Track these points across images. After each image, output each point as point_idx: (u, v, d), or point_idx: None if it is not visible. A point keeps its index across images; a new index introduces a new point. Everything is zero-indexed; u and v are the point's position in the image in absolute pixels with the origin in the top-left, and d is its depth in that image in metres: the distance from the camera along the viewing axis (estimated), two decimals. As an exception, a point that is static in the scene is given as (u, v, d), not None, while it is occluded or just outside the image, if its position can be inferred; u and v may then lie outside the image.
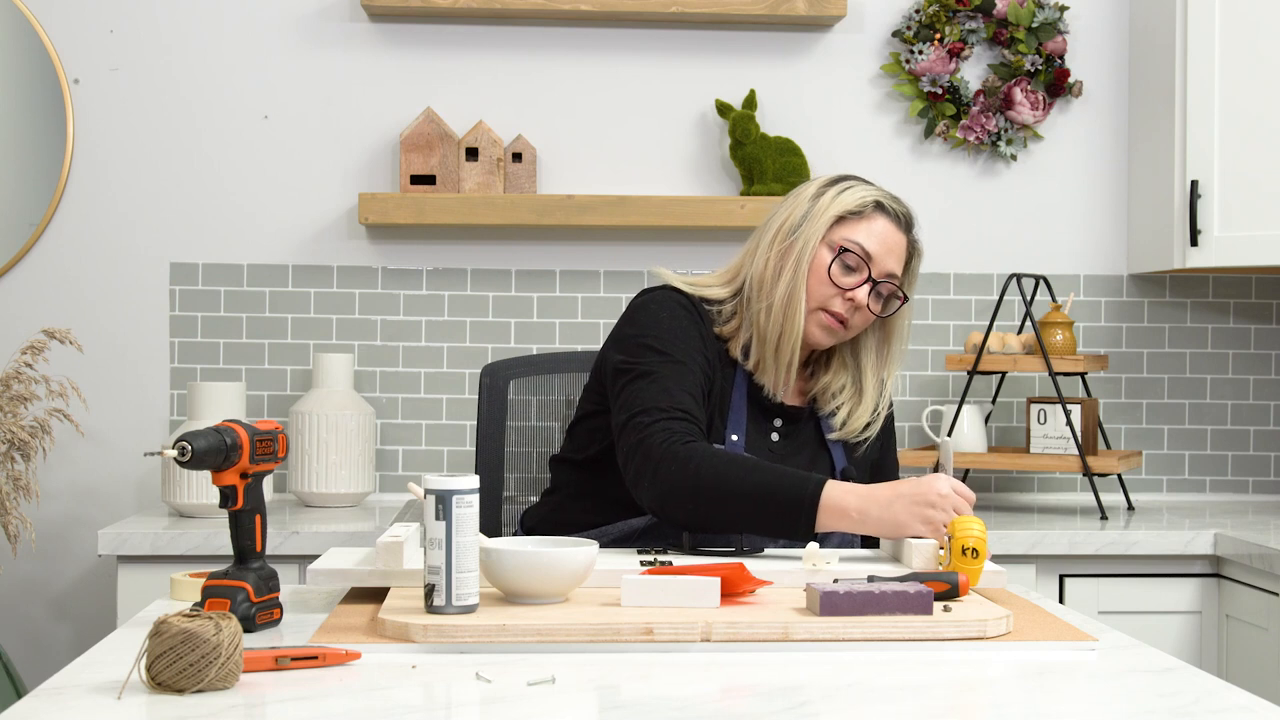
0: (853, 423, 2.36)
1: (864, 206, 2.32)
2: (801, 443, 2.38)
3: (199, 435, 1.75)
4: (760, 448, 2.33)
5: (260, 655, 1.57)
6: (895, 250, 2.32)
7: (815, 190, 2.35)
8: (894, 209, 2.34)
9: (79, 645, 3.35)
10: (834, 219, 2.31)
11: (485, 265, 3.46)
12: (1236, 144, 3.21)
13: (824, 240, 2.31)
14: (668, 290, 2.37)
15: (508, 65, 3.47)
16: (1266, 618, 2.79)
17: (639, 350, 2.28)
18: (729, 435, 2.30)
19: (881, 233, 2.31)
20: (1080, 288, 3.54)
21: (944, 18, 3.47)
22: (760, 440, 2.34)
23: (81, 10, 3.40)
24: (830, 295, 2.30)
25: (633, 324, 2.33)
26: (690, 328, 2.31)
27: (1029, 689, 1.60)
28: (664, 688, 1.56)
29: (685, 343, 2.29)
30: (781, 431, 2.37)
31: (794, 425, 2.38)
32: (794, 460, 2.33)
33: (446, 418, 3.44)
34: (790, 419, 2.38)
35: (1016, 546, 2.93)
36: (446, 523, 1.75)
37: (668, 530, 2.25)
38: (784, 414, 2.38)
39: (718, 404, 2.32)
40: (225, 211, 3.43)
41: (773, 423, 2.37)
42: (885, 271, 2.31)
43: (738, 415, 2.32)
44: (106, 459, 3.41)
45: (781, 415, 2.38)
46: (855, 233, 2.31)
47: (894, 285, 2.32)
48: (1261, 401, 3.58)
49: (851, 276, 2.30)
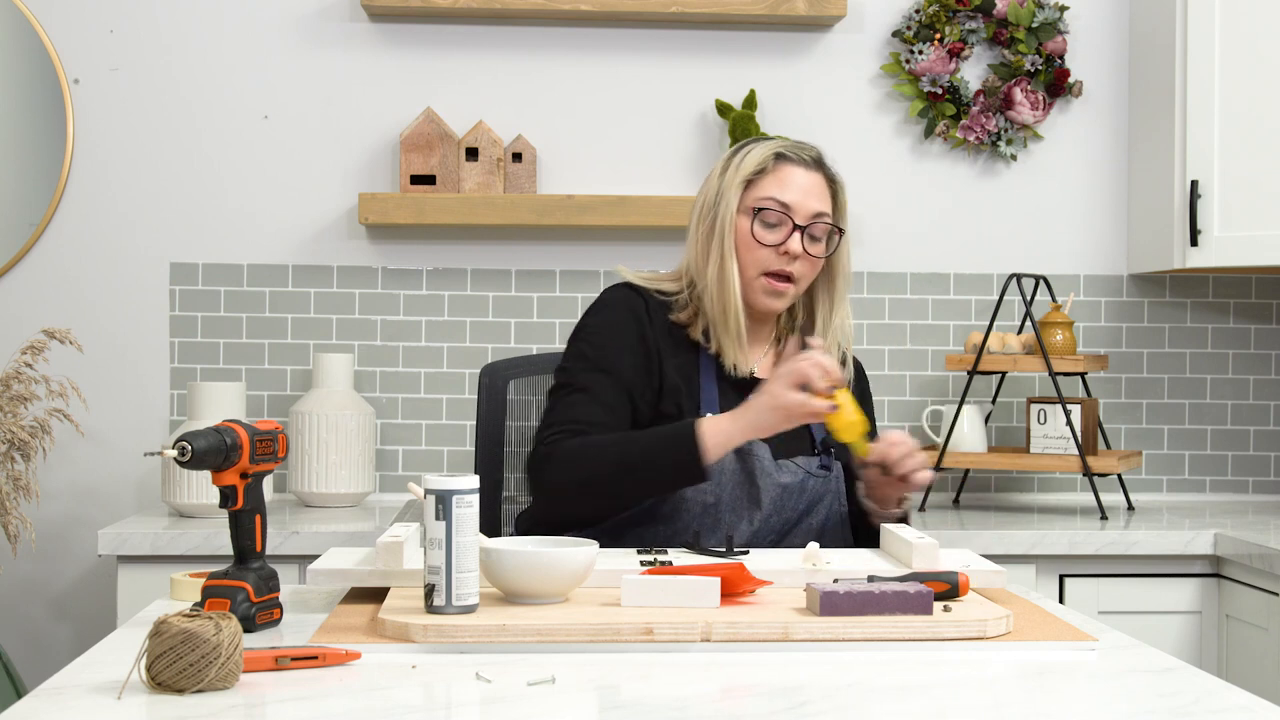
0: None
1: (766, 162, 2.36)
2: None
3: (199, 435, 1.75)
4: None
5: (260, 655, 1.57)
6: (812, 190, 2.36)
7: (721, 165, 2.40)
8: (797, 154, 2.37)
9: (79, 645, 3.35)
10: (743, 185, 2.35)
11: (485, 265, 3.46)
12: (1236, 144, 3.21)
13: (740, 209, 2.35)
14: (617, 289, 2.43)
15: (508, 65, 3.47)
16: (1266, 618, 2.79)
17: (572, 357, 2.37)
18: (704, 415, 2.32)
19: (791, 179, 2.35)
20: (1080, 288, 3.54)
21: (944, 18, 3.47)
22: None
23: (81, 10, 3.40)
24: (764, 257, 2.33)
25: (579, 326, 2.41)
26: (626, 327, 2.36)
27: (1029, 689, 1.60)
28: (664, 688, 1.56)
29: (615, 345, 2.34)
30: None
31: None
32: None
33: (446, 418, 3.44)
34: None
35: (1016, 546, 2.93)
36: (446, 523, 1.75)
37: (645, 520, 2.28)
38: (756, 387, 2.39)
39: (685, 390, 2.34)
40: (225, 211, 3.43)
41: (746, 397, 2.38)
42: (810, 214, 2.34)
43: (709, 395, 2.34)
44: (106, 459, 3.41)
45: (754, 389, 2.38)
46: (766, 189, 2.35)
47: (825, 223, 2.35)
48: (1261, 401, 3.58)
49: (776, 231, 2.33)
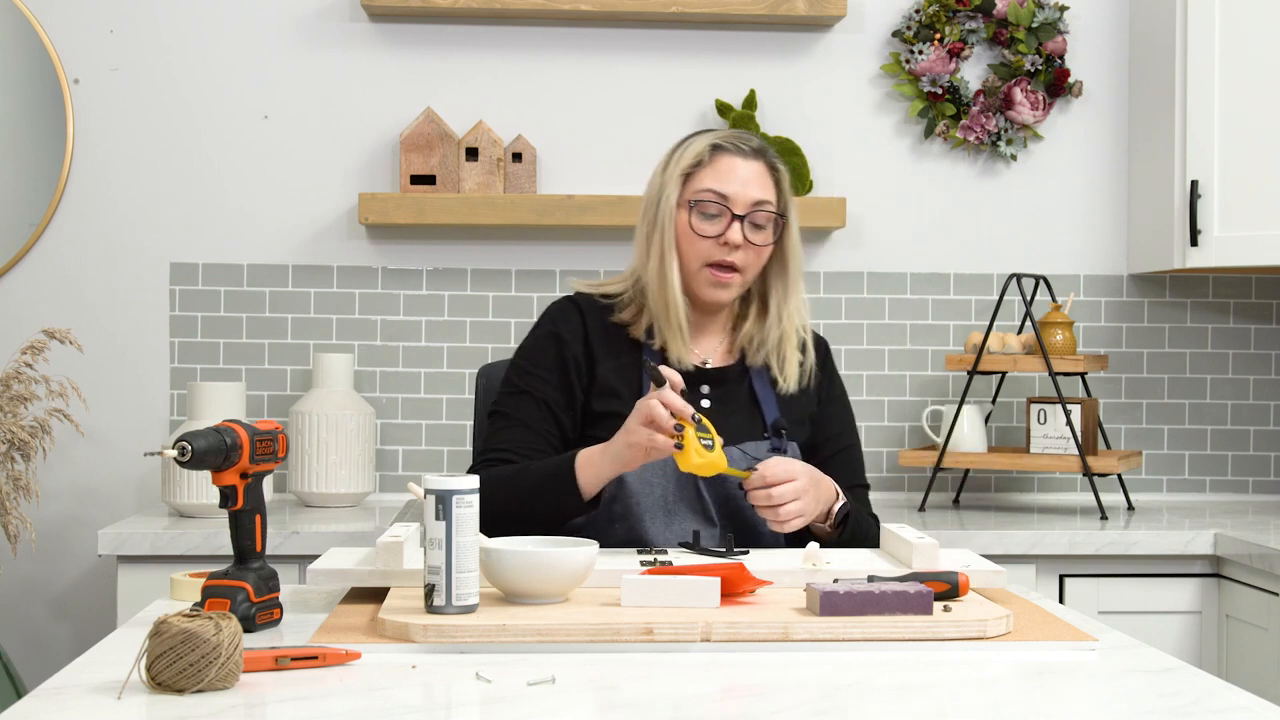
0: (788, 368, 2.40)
1: (703, 154, 2.37)
2: (734, 405, 2.39)
3: (199, 435, 1.75)
4: None
5: (260, 655, 1.57)
6: (752, 179, 2.36)
7: (663, 162, 2.42)
8: (734, 144, 2.38)
9: (79, 645, 3.35)
10: (682, 178, 2.37)
11: (485, 265, 3.46)
12: (1236, 144, 3.21)
13: (679, 202, 2.37)
14: (552, 305, 2.47)
15: (508, 65, 3.47)
16: (1266, 618, 2.79)
17: (502, 383, 2.44)
18: None
19: (729, 169, 2.35)
20: (1080, 288, 3.54)
21: (944, 18, 3.47)
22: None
23: (81, 10, 3.40)
24: (705, 248, 2.34)
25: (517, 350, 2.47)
26: (545, 347, 2.40)
27: (1029, 689, 1.60)
28: (664, 688, 1.56)
29: (535, 369, 2.39)
30: (712, 396, 2.39)
31: (723, 387, 2.40)
32: (727, 421, 2.34)
33: (446, 418, 3.44)
34: (717, 382, 2.40)
35: (1016, 546, 2.93)
36: (446, 523, 1.75)
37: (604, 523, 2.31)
38: (709, 378, 2.40)
39: (627, 389, 2.35)
40: (225, 211, 3.43)
41: (699, 390, 2.39)
42: (750, 202, 2.34)
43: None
44: (106, 459, 3.41)
45: (708, 380, 2.40)
46: (704, 180, 2.36)
47: (767, 211, 2.36)
48: (1261, 401, 3.58)
49: (715, 222, 2.34)
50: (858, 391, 3.48)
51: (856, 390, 3.48)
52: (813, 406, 2.44)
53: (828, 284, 3.50)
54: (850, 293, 3.51)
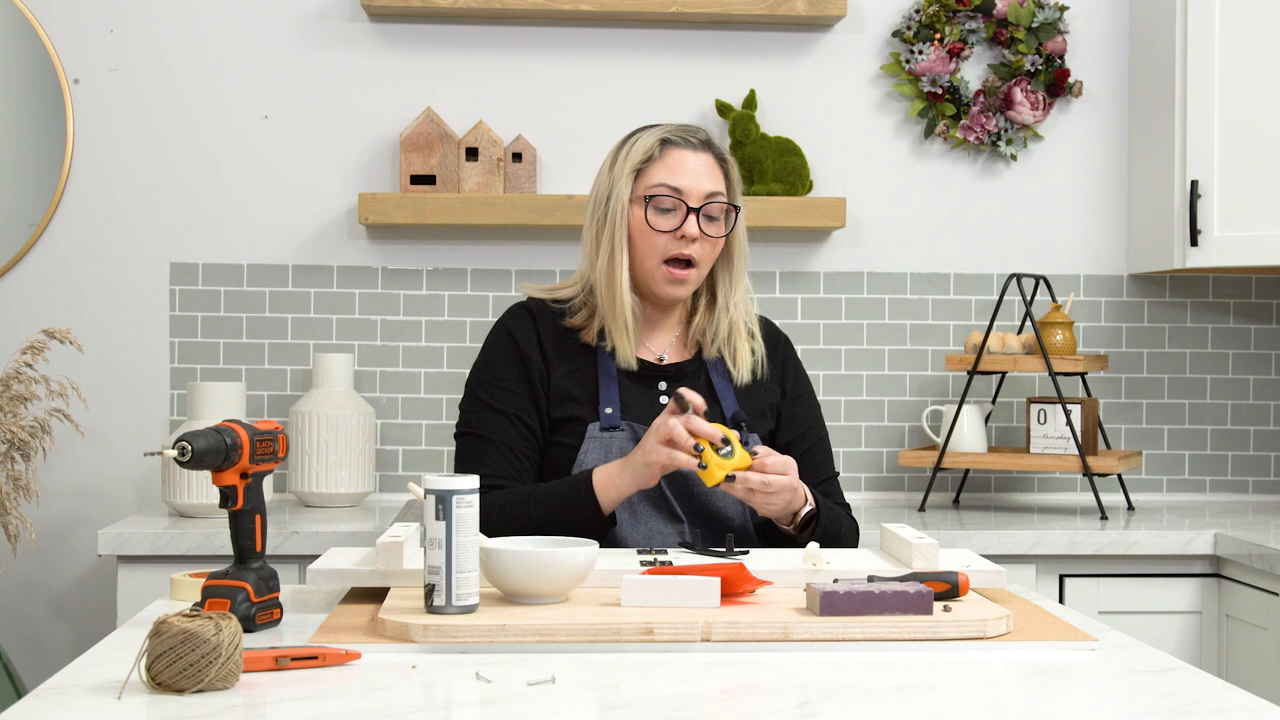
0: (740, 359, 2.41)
1: (653, 149, 2.37)
2: None
3: (199, 435, 1.75)
4: (648, 413, 2.35)
5: (260, 655, 1.57)
6: (702, 171, 2.36)
7: (610, 159, 2.42)
8: (683, 137, 2.38)
9: (79, 645, 3.35)
10: (633, 174, 2.37)
11: (485, 265, 3.46)
12: (1236, 144, 3.21)
13: (632, 198, 2.36)
14: (505, 314, 2.46)
15: (508, 65, 3.47)
16: (1266, 618, 2.79)
17: (467, 400, 2.41)
18: (603, 410, 2.34)
19: (680, 163, 2.36)
20: (1080, 288, 3.54)
21: (944, 18, 3.47)
22: (647, 407, 2.37)
23: (81, 10, 3.40)
24: (662, 244, 2.35)
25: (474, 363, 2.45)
26: (504, 357, 2.39)
27: (1029, 689, 1.60)
28: (664, 688, 1.56)
29: (500, 381, 2.37)
30: (669, 391, 2.40)
31: (679, 381, 2.41)
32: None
33: (446, 418, 3.44)
34: (673, 376, 2.41)
35: (1016, 546, 2.93)
36: (446, 523, 1.75)
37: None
38: (665, 374, 2.40)
39: (583, 393, 2.35)
40: (225, 211, 3.43)
41: (656, 386, 2.39)
42: (703, 195, 2.35)
43: (609, 393, 2.35)
44: (106, 459, 3.41)
45: (664, 376, 2.40)
46: (655, 175, 2.36)
47: (720, 203, 2.36)
48: (1261, 401, 3.58)
49: (671, 216, 2.35)
50: (858, 391, 3.48)
51: (857, 390, 3.48)
52: (773, 398, 2.45)
53: (828, 284, 3.50)
54: (850, 293, 3.51)
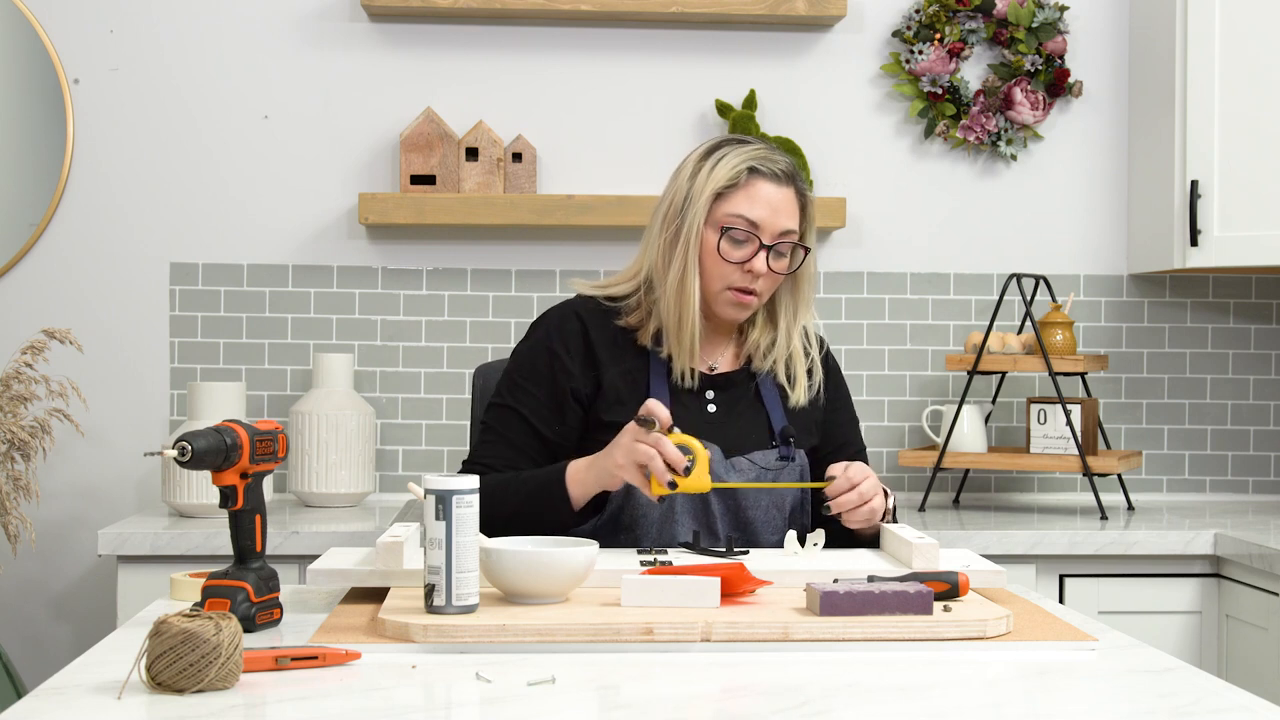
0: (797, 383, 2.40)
1: (738, 176, 2.32)
2: (739, 410, 2.39)
3: (199, 435, 1.75)
4: (698, 421, 2.34)
5: (260, 655, 1.57)
6: (782, 208, 2.32)
7: (692, 168, 2.36)
8: (770, 168, 2.33)
9: (79, 645, 3.35)
10: (712, 197, 2.32)
11: (485, 265, 3.46)
12: (1236, 144, 3.21)
13: (708, 221, 2.33)
14: (553, 310, 2.44)
15: (508, 65, 3.47)
16: (1266, 618, 2.79)
17: (496, 390, 2.41)
18: None
19: (763, 197, 2.31)
20: (1080, 288, 3.54)
21: (944, 18, 3.47)
22: (696, 414, 2.36)
23: (81, 10, 3.40)
24: (729, 273, 2.32)
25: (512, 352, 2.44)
26: (538, 360, 2.37)
27: (1029, 689, 1.60)
28: (664, 688, 1.56)
29: (530, 379, 2.36)
30: (717, 401, 2.39)
31: (728, 392, 2.40)
32: (732, 426, 2.35)
33: (446, 418, 3.44)
34: (723, 387, 2.40)
35: (1016, 546, 2.93)
36: (446, 523, 1.75)
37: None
38: (715, 383, 2.39)
39: (633, 396, 2.33)
40: (225, 211, 3.43)
41: (705, 395, 2.38)
42: (777, 232, 2.32)
43: (660, 399, 2.32)
44: (106, 459, 3.41)
45: (713, 385, 2.39)
46: (736, 205, 2.31)
47: (791, 241, 2.34)
48: (1261, 401, 3.58)
49: (743, 249, 2.31)
50: (858, 391, 3.48)
51: (856, 390, 3.48)
52: (819, 414, 2.45)
53: (828, 284, 3.50)
54: (850, 293, 3.51)
